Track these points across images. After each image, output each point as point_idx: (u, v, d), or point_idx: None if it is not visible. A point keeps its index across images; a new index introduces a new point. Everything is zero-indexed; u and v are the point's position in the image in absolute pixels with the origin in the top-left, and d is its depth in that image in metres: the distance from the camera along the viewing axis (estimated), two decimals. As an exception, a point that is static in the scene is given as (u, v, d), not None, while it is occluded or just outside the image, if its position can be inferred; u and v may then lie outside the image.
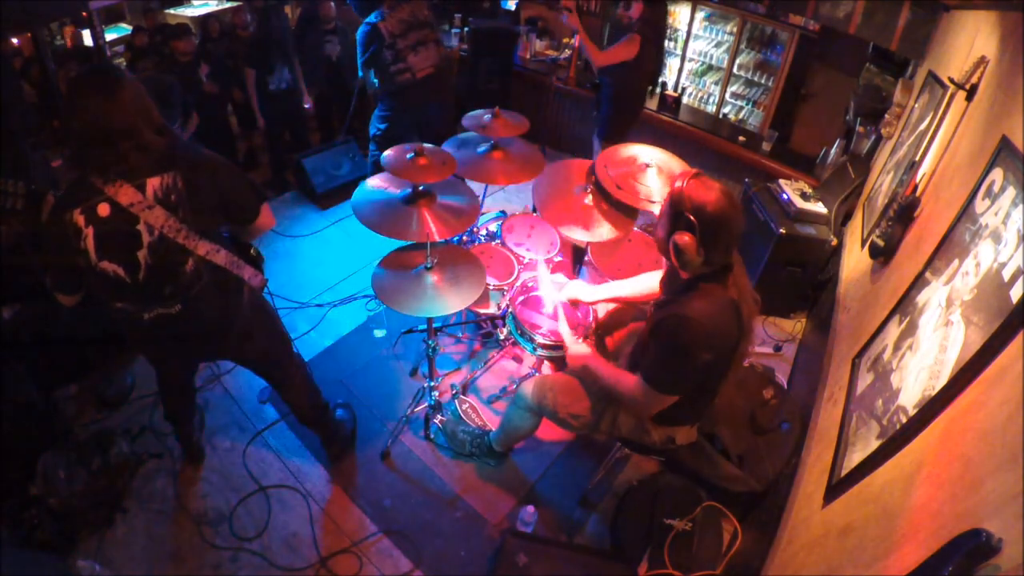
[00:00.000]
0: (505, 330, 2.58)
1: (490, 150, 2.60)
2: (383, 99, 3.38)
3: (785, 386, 2.87)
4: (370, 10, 3.13)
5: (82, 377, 2.59)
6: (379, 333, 3.08)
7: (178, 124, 3.11)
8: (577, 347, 1.94)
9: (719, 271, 1.58)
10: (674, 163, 2.41)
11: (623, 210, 2.38)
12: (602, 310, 2.33)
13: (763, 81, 4.78)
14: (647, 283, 2.07)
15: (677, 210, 1.52)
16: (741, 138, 4.16)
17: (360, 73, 3.25)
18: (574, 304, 2.27)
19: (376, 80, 3.21)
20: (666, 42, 5.04)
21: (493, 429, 2.49)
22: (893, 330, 1.84)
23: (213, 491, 2.32)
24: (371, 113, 3.60)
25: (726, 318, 1.56)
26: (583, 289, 2.22)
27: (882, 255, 2.24)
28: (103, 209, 1.47)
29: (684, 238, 1.50)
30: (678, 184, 1.53)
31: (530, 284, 2.46)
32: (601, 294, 2.19)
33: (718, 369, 1.65)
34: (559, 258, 2.73)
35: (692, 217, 1.48)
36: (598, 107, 3.69)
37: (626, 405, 1.83)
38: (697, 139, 4.26)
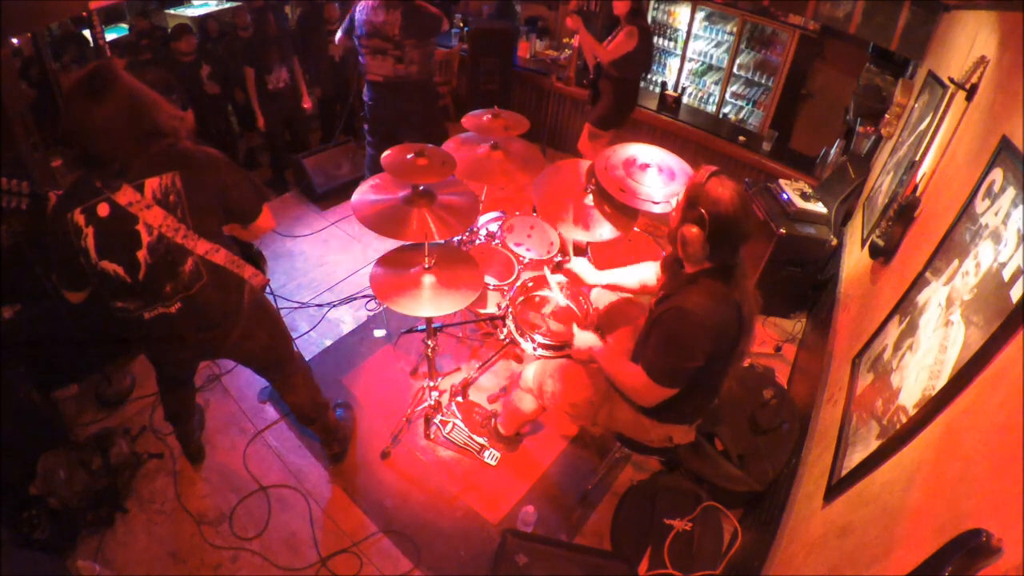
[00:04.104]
0: (505, 330, 2.58)
1: (490, 150, 2.60)
2: (365, 83, 3.48)
3: (785, 386, 2.87)
4: None
5: (82, 377, 2.59)
6: (379, 333, 3.08)
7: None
8: (583, 335, 1.95)
9: (722, 269, 1.60)
10: (674, 161, 2.41)
11: (624, 210, 2.37)
12: (603, 304, 2.34)
13: (763, 81, 4.77)
14: (645, 273, 2.10)
15: (692, 203, 1.56)
16: (741, 138, 4.16)
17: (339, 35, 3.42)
18: (574, 287, 2.31)
19: None
20: (665, 41, 5.08)
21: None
22: (893, 330, 1.84)
23: (213, 491, 2.32)
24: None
25: (725, 314, 1.58)
26: (586, 270, 2.22)
27: (882, 255, 2.24)
28: (103, 209, 1.48)
29: (692, 230, 1.54)
30: (698, 179, 1.56)
31: (530, 284, 2.46)
32: (602, 279, 2.20)
33: (717, 365, 1.66)
34: (559, 258, 2.73)
35: (704, 213, 1.52)
36: (594, 101, 3.85)
37: (627, 394, 1.82)
38: (697, 139, 4.26)
